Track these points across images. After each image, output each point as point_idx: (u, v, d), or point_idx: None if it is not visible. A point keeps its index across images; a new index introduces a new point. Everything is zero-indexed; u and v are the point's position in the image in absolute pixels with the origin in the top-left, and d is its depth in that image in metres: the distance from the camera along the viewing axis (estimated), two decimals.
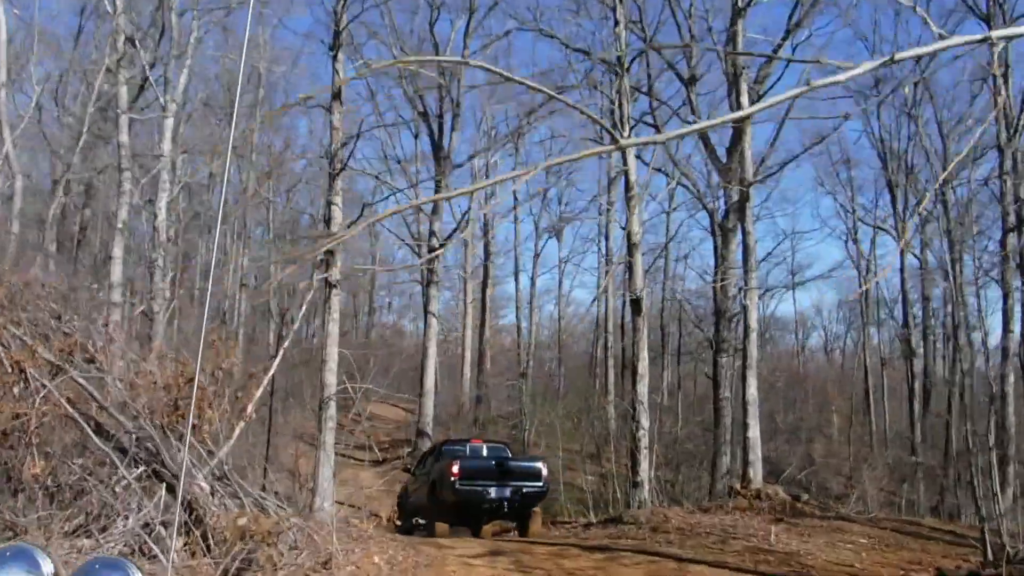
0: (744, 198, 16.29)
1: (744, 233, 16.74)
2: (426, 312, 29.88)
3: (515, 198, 39.06)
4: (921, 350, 36.86)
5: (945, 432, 31.95)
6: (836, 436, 37.29)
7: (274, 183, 32.40)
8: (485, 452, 15.20)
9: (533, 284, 47.27)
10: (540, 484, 13.83)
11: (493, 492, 13.42)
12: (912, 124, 32.74)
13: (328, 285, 15.00)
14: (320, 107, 16.82)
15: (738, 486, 16.71)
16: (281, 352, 14.00)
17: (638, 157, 18.75)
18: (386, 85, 28.63)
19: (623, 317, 41.64)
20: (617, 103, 16.26)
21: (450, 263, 46.01)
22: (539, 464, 14.27)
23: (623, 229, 16.42)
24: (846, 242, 40.43)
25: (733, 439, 23.21)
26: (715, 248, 23.65)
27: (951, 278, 34.71)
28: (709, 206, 22.90)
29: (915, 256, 35.13)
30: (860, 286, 41.27)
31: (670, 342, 37.00)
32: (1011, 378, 23.93)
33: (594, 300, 39.69)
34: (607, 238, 37.51)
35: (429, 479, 14.59)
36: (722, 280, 22.01)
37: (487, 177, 36.85)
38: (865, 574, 11.06)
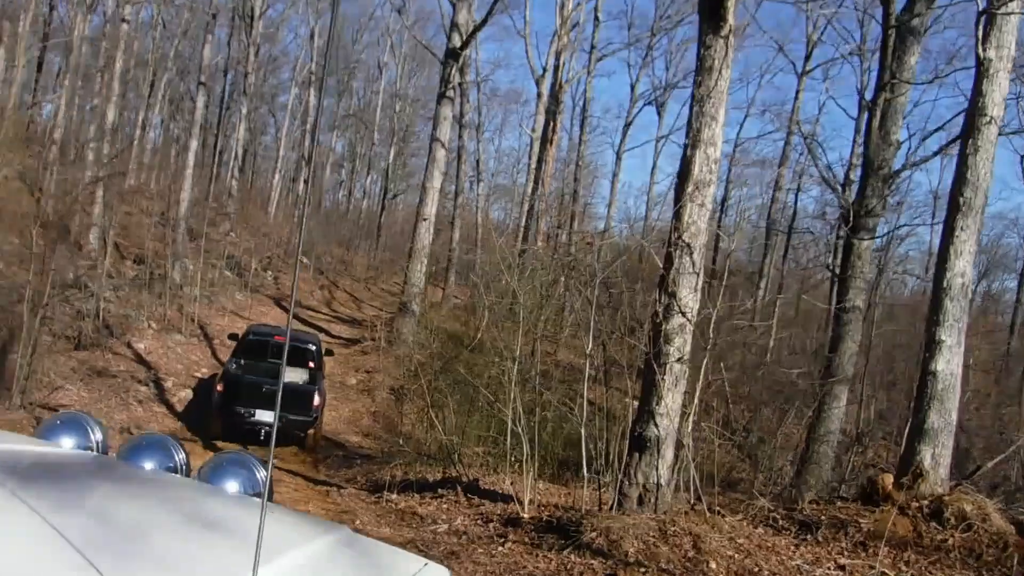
0: None
1: None
2: (432, 138, 20.94)
3: (596, 17, 29.13)
4: None
5: None
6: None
7: None
8: (288, 350, 11.60)
9: (619, 159, 37.70)
10: (309, 413, 12.53)
11: (257, 415, 12.31)
12: None
13: None
14: None
15: (887, 482, 7.49)
16: None
17: None
18: None
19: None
20: None
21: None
22: (310, 388, 12.89)
23: None
24: None
25: (863, 382, 13.75)
26: (881, 59, 14.06)
27: None
28: None
29: None
30: None
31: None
32: None
33: None
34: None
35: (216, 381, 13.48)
36: (883, 109, 12.78)
37: None
38: None
